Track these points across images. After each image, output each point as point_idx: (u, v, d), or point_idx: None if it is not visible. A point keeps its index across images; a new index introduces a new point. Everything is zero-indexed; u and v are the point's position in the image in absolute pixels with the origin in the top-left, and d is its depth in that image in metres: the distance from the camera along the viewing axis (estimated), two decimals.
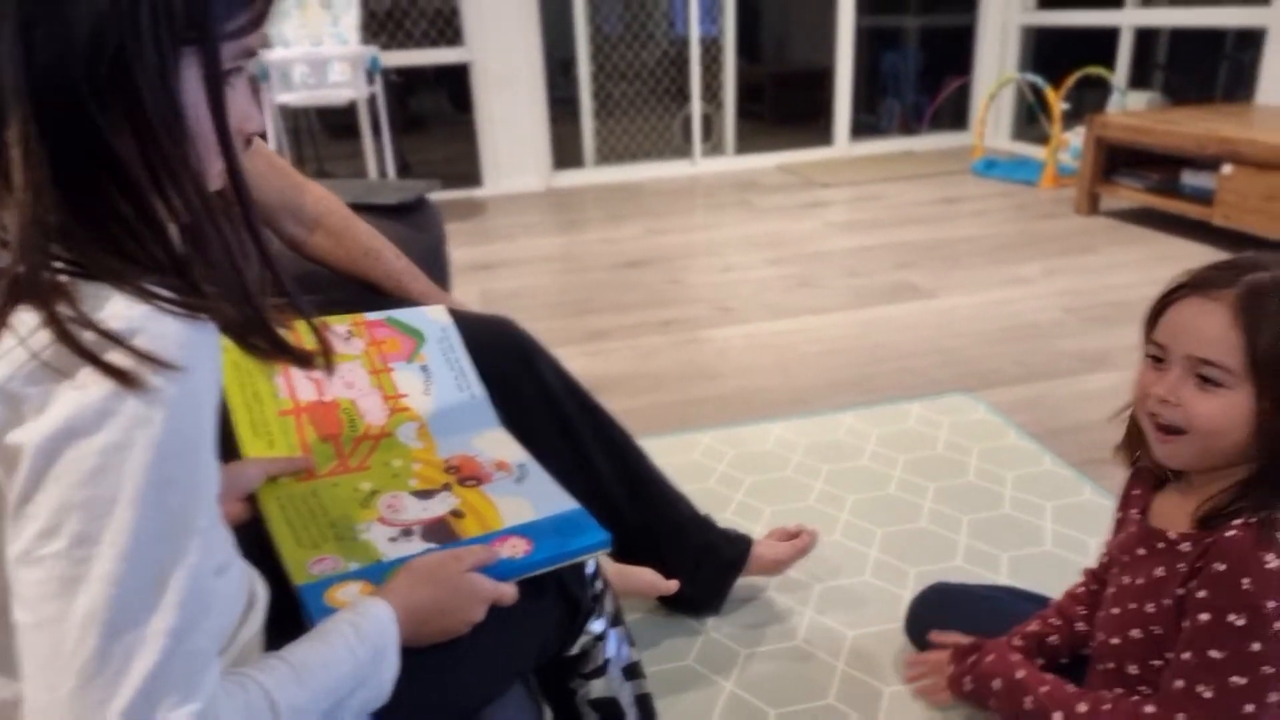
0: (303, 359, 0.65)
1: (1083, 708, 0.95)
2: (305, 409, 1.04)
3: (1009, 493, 1.81)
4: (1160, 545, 0.94)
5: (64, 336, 0.50)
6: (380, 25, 4.81)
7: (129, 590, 0.51)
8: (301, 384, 1.05)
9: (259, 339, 0.62)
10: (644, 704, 1.03)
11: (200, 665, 0.54)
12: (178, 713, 0.51)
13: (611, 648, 0.99)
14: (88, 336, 0.51)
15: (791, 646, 1.42)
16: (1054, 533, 1.67)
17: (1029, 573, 1.55)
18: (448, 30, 4.78)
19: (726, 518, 1.75)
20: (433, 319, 1.18)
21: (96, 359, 0.50)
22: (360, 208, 1.38)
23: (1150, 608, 0.94)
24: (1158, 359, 0.91)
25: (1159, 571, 0.94)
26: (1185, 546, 0.91)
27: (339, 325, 1.12)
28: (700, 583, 1.45)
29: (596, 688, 0.98)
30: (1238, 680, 0.84)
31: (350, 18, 4.17)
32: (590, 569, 0.95)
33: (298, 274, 1.35)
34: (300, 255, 1.31)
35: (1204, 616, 0.86)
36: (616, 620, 1.00)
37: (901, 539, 1.68)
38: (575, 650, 0.96)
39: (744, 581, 1.49)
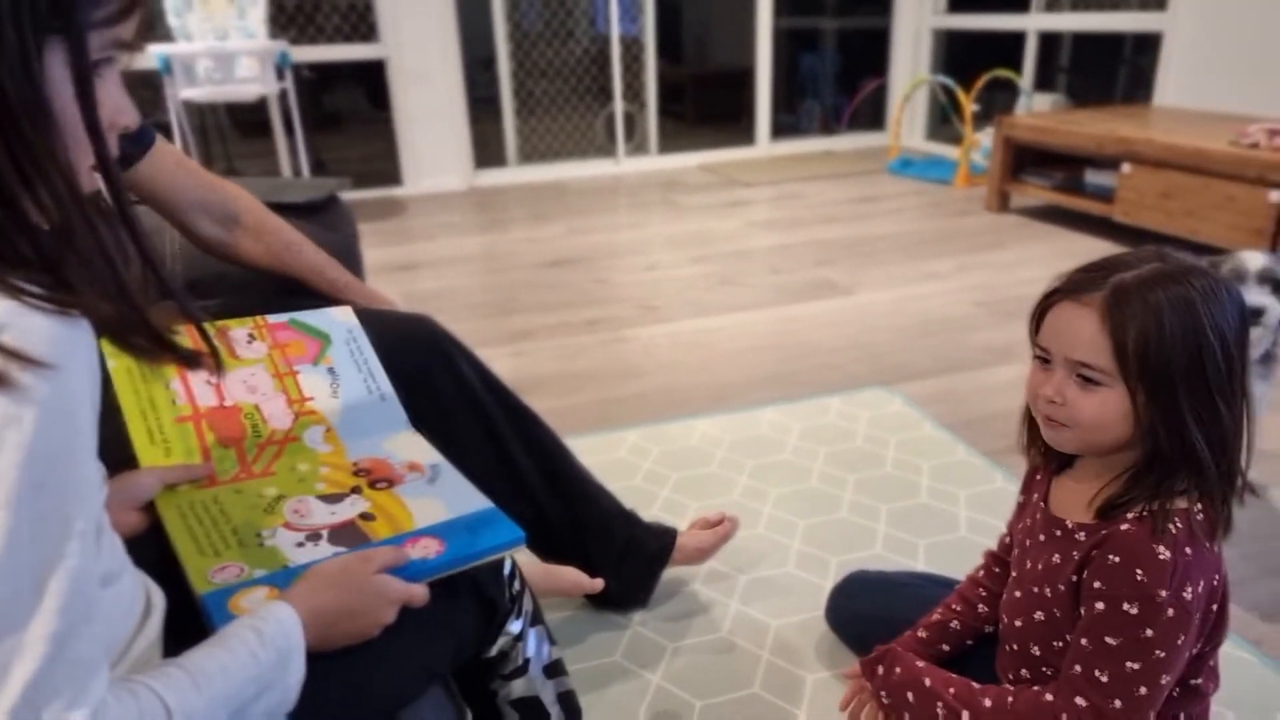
0: (187, 358, 0.64)
1: (988, 703, 0.98)
2: (205, 414, 1.00)
3: (925, 482, 1.86)
4: (1058, 533, 0.98)
5: None
6: (289, 19, 4.68)
7: (4, 596, 0.49)
8: (201, 389, 1.02)
9: (138, 338, 0.60)
10: (567, 701, 1.03)
11: (86, 671, 0.53)
12: (64, 718, 0.51)
13: (531, 647, 0.98)
14: None
15: (717, 638, 1.44)
16: (968, 519, 1.72)
17: (945, 558, 1.60)
18: (361, 25, 4.69)
19: (653, 514, 1.75)
20: (338, 320, 1.15)
21: None
22: (267, 206, 1.34)
23: (1048, 592, 0.98)
24: (1044, 360, 0.95)
25: (1056, 558, 0.97)
26: (1081, 535, 0.95)
27: (239, 329, 1.08)
28: (626, 577, 1.45)
29: (517, 688, 0.98)
30: (1132, 665, 0.88)
31: (257, 11, 4.05)
32: (507, 569, 0.94)
33: (211, 275, 1.32)
34: (218, 254, 1.27)
35: (1100, 605, 0.90)
36: (535, 619, 1.00)
37: (823, 530, 1.71)
38: (494, 651, 0.95)
39: (669, 575, 1.50)
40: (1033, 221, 3.91)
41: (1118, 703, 0.88)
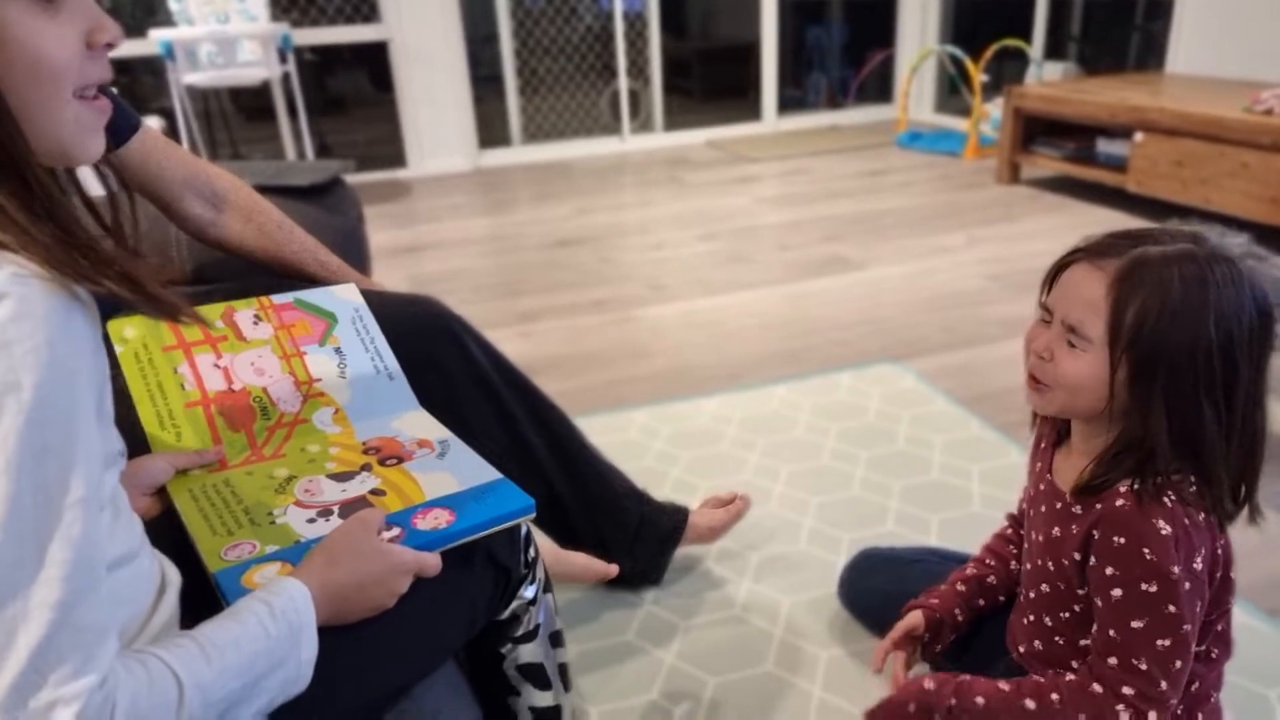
0: (164, 306, 0.62)
1: (1031, 705, 0.96)
2: (214, 399, 1.00)
3: (937, 458, 1.84)
4: (1058, 505, 0.98)
5: None
6: (291, 2, 4.65)
7: (7, 561, 0.50)
8: (209, 374, 1.01)
9: (104, 280, 0.58)
10: (564, 674, 1.04)
11: (93, 639, 0.53)
12: (72, 685, 0.51)
13: (542, 614, 0.99)
14: None
15: (730, 615, 1.43)
16: (981, 494, 1.71)
17: (958, 534, 1.59)
18: (363, 6, 4.65)
19: (664, 493, 1.74)
20: (344, 299, 1.14)
21: None
22: (270, 190, 1.32)
23: (1052, 565, 0.98)
24: (1045, 320, 0.94)
25: (1056, 531, 0.97)
26: (1077, 509, 0.95)
27: (245, 310, 1.08)
28: (639, 556, 1.45)
29: (525, 653, 0.98)
30: (1163, 642, 0.88)
31: None
32: (523, 534, 0.94)
33: (216, 260, 1.30)
34: (210, 239, 1.26)
35: (1117, 592, 0.89)
36: (547, 587, 1.00)
37: (835, 507, 1.70)
38: (506, 614, 0.95)
39: (681, 553, 1.50)
40: (1044, 193, 3.86)
41: (1164, 684, 0.89)
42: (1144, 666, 0.89)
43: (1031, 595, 1.03)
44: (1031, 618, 1.04)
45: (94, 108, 0.61)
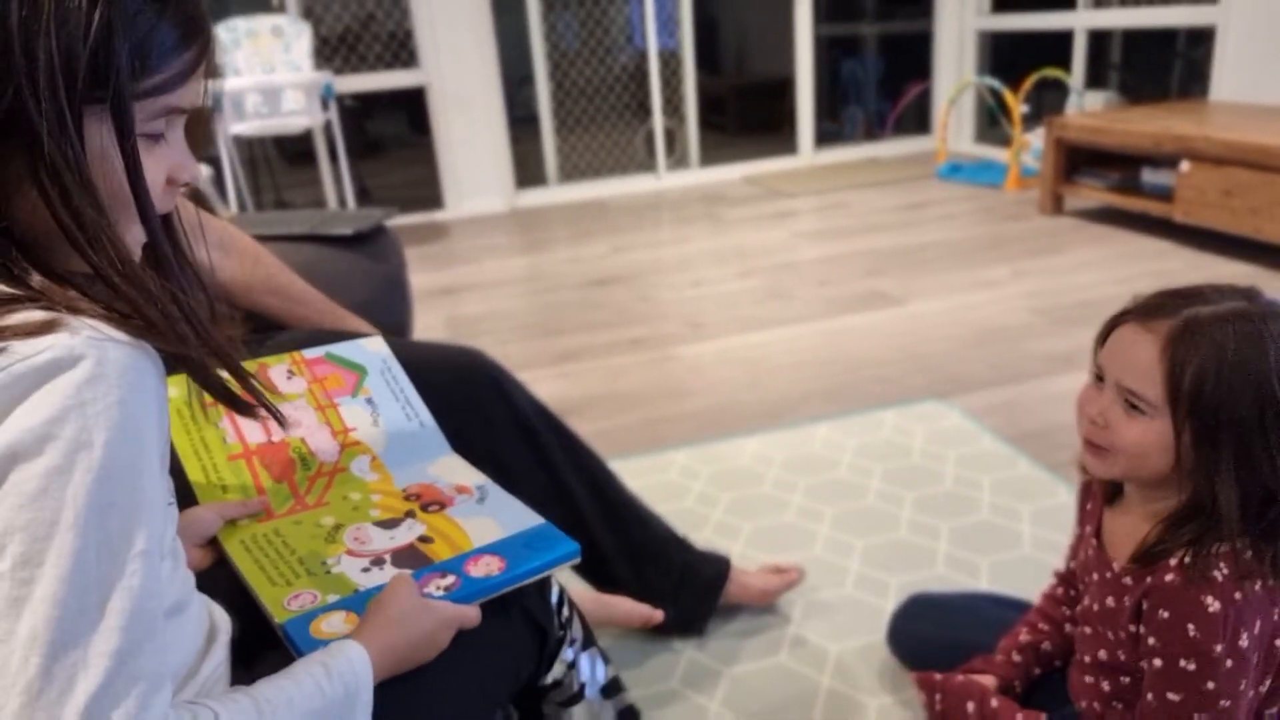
0: (242, 408, 0.67)
1: None
2: (255, 451, 1.02)
3: (986, 498, 1.80)
4: (1109, 574, 0.96)
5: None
6: (333, 50, 4.75)
7: (71, 611, 0.52)
8: (249, 427, 1.04)
9: (205, 380, 0.63)
10: (628, 716, 1.04)
11: (148, 687, 0.54)
12: None
13: (585, 671, 0.98)
14: (36, 361, 0.52)
15: (775, 663, 1.40)
16: (1032, 535, 1.66)
17: (1009, 577, 1.54)
18: (402, 53, 4.75)
19: (705, 536, 1.73)
20: (372, 351, 1.17)
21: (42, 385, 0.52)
22: (315, 239, 1.34)
23: (1109, 634, 0.96)
24: (1099, 378, 0.92)
25: (1110, 601, 0.95)
26: (1128, 581, 0.92)
27: (278, 365, 1.10)
28: (683, 605, 1.43)
29: (577, 715, 0.98)
30: (1200, 717, 0.86)
31: (302, 44, 4.13)
32: (555, 596, 0.95)
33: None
34: (215, 281, 1.28)
35: (1158, 662, 0.88)
36: (587, 643, 1.00)
37: (882, 550, 1.66)
38: (548, 680, 0.96)
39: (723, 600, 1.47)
40: (1089, 224, 3.81)
41: None
42: None
43: (1087, 660, 1.01)
44: (1090, 679, 1.02)
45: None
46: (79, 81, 0.53)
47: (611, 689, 1.02)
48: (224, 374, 0.66)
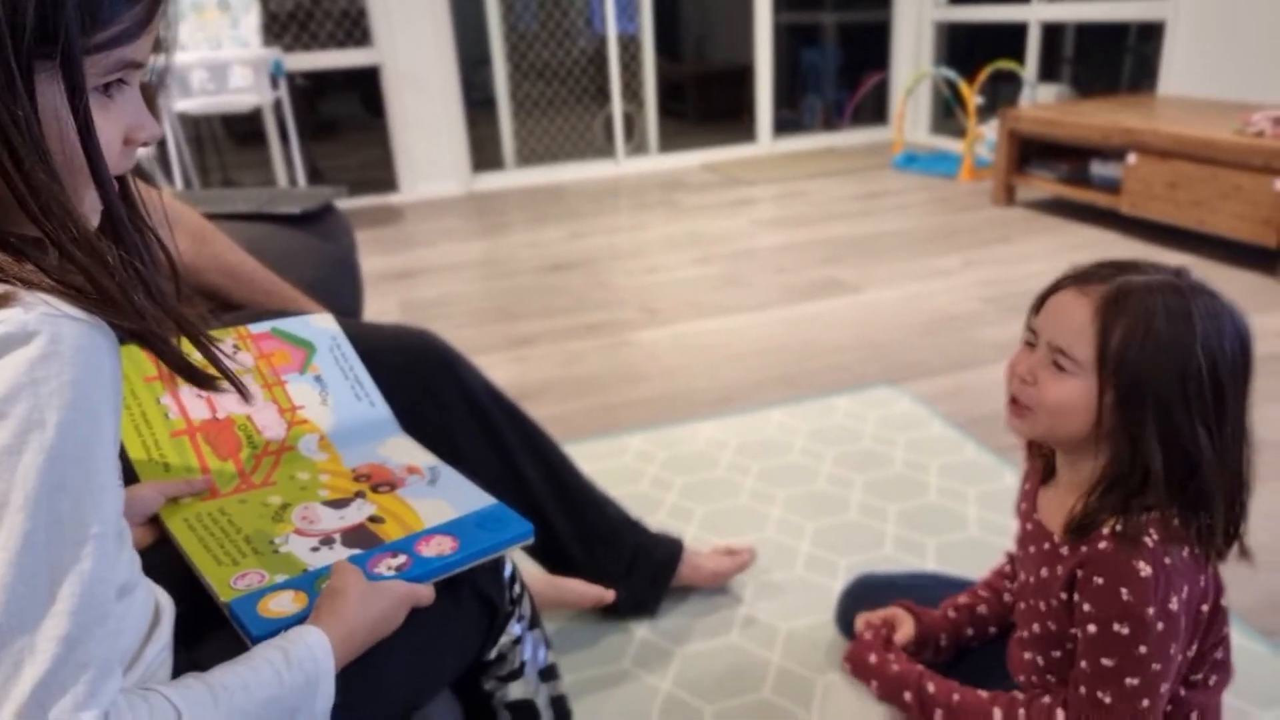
0: (203, 381, 0.65)
1: (999, 714, 1.00)
2: (199, 428, 1.00)
3: (934, 481, 1.83)
4: (1046, 546, 0.99)
5: None
6: (283, 27, 4.65)
7: (18, 595, 0.51)
8: (193, 403, 1.01)
9: (166, 360, 0.61)
10: (559, 706, 1.03)
11: (97, 673, 0.53)
12: (73, 718, 0.51)
13: (528, 650, 0.98)
14: None
15: (725, 643, 1.41)
16: (978, 518, 1.69)
17: (955, 558, 1.57)
18: (355, 31, 4.66)
19: (659, 519, 1.73)
20: (320, 328, 1.14)
21: None
22: (261, 218, 1.32)
23: (1043, 606, 0.99)
24: (1030, 342, 0.96)
25: (1045, 572, 0.98)
26: (1064, 551, 0.95)
27: (223, 340, 1.07)
28: (635, 586, 1.44)
29: (514, 690, 0.98)
30: (1131, 681, 0.89)
31: (250, 20, 4.03)
32: (508, 571, 0.95)
33: (187, 290, 1.30)
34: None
35: (1092, 628, 0.91)
36: (534, 623, 1.00)
37: (831, 532, 1.68)
38: (493, 654, 0.96)
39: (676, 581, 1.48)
40: (1039, 215, 3.87)
41: None
42: (1108, 701, 0.90)
43: (1025, 635, 1.04)
44: (1027, 655, 1.05)
45: None
46: (26, 37, 0.51)
47: (549, 673, 1.02)
48: (182, 346, 0.64)
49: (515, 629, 0.96)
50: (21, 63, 0.52)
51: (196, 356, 0.66)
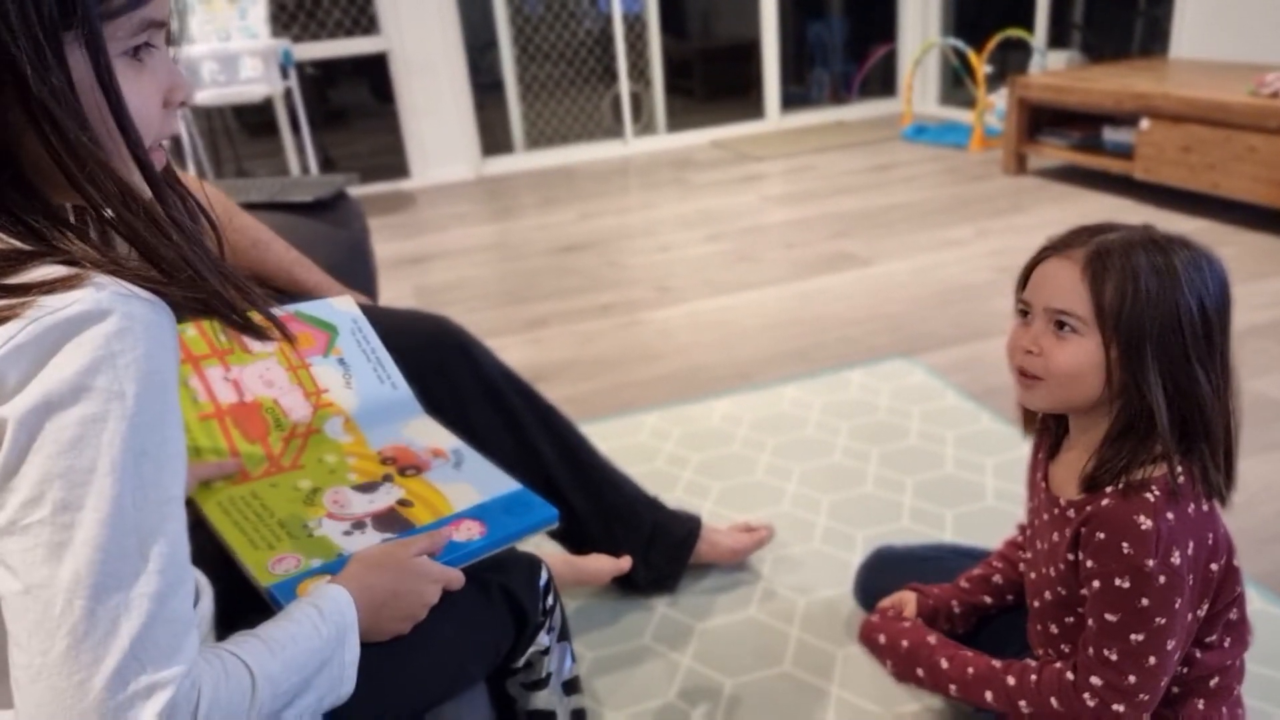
0: (258, 331, 0.67)
1: (1011, 681, 1.00)
2: (227, 411, 1.01)
3: (950, 452, 1.83)
4: (1056, 511, 0.99)
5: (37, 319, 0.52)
6: (291, 17, 4.65)
7: (113, 555, 0.53)
8: (220, 386, 1.03)
9: (220, 311, 0.63)
10: (579, 719, 1.04)
11: (182, 630, 0.56)
12: (165, 672, 0.54)
13: (555, 661, 0.99)
14: (65, 314, 0.53)
15: (745, 617, 1.43)
16: (995, 488, 1.70)
17: (973, 529, 1.58)
18: (362, 19, 4.66)
19: (676, 496, 1.75)
20: (341, 310, 1.15)
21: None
22: (274, 206, 1.33)
23: (1052, 571, 0.99)
24: (1025, 314, 0.97)
25: (1055, 536, 0.99)
26: (1071, 513, 0.96)
27: None
28: (655, 563, 1.45)
29: (538, 699, 0.99)
30: (1136, 637, 0.90)
31: (258, 10, 4.03)
32: (543, 581, 0.95)
33: None
34: None
35: (1096, 584, 0.91)
36: (563, 635, 1.01)
37: (848, 505, 1.69)
38: (521, 661, 0.97)
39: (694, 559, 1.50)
40: (1052, 183, 3.84)
41: (1132, 678, 0.91)
42: (1114, 658, 0.91)
43: (1037, 604, 1.05)
44: (1039, 626, 1.06)
45: (156, 159, 0.64)
46: (47, 8, 0.53)
47: (571, 686, 1.03)
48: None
49: (545, 640, 0.97)
50: (50, 35, 0.53)
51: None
